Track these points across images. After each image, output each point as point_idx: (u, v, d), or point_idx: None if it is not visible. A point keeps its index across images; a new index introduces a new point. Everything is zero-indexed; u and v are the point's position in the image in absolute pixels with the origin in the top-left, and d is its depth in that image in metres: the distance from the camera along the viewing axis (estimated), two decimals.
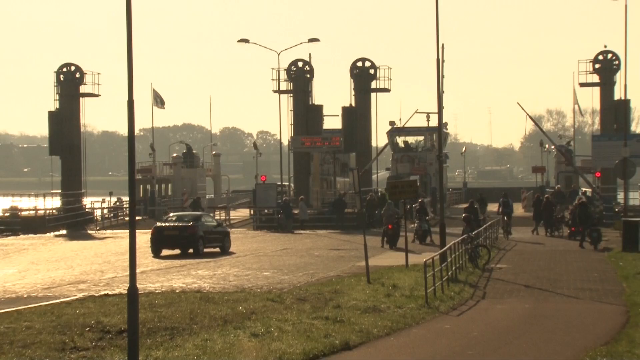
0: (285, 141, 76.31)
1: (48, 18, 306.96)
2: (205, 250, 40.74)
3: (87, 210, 69.68)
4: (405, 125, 79.97)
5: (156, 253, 39.99)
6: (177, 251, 40.51)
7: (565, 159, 74.12)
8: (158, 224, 42.68)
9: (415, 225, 45.78)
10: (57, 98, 71.07)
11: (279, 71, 71.73)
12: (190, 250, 40.27)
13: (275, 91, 72.66)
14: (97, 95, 73.12)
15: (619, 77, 69.22)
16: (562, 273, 30.66)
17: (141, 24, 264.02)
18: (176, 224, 41.11)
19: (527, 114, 76.05)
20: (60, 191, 70.98)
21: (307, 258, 37.86)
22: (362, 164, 68.11)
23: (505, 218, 49.31)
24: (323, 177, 71.12)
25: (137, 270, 15.08)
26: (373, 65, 73.39)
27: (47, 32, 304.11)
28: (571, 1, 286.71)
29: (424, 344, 18.54)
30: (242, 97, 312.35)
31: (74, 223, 62.93)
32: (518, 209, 68.80)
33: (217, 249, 41.55)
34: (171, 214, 45.69)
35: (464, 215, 45.50)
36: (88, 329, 19.08)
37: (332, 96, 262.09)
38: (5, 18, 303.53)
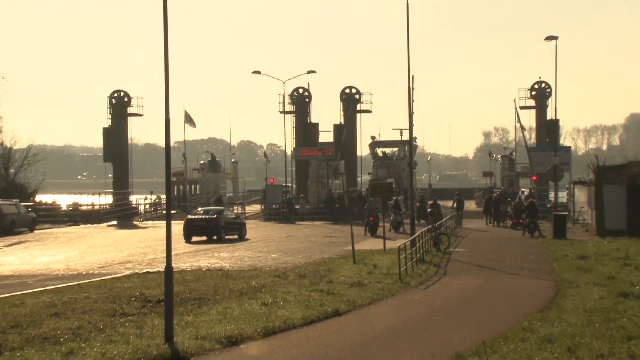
0: (289, 151, 76.41)
1: (103, 53, 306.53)
2: (226, 237, 40.66)
3: (132, 205, 69.58)
4: (381, 139, 80.00)
5: (188, 239, 39.89)
6: (204, 238, 40.42)
7: (530, 161, 73.24)
8: (189, 216, 42.55)
9: (391, 217, 45.79)
10: (110, 117, 71.19)
11: (284, 96, 72.01)
12: (214, 237, 40.16)
13: (281, 112, 72.87)
14: (141, 115, 73.27)
15: (550, 102, 69.75)
16: (506, 255, 30.66)
17: (176, 58, 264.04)
18: (203, 216, 41.04)
19: (516, 110, 74.66)
20: (111, 190, 71.08)
21: (306, 243, 37.85)
22: (350, 170, 68.08)
23: (458, 212, 49.44)
24: (318, 179, 71.11)
25: (172, 253, 15.04)
26: (358, 92, 73.58)
27: (101, 64, 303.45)
28: (514, 41, 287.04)
29: (398, 311, 18.54)
30: (255, 116, 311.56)
31: (123, 215, 62.86)
32: (471, 205, 68.92)
33: (236, 236, 41.48)
34: (199, 209, 45.54)
35: (429, 210, 45.61)
36: (133, 298, 19.07)
37: (326, 116, 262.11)
38: (69, 55, 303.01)
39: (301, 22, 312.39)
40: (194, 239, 40.11)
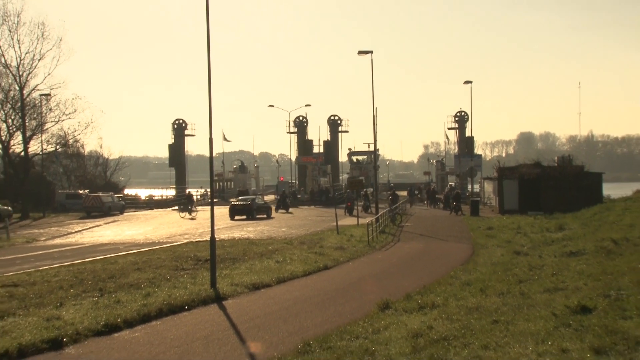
0: (293, 159, 76.33)
1: (171, 92, 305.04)
2: (258, 216, 40.40)
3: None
4: (355, 150, 79.99)
5: (232, 217, 39.44)
6: (243, 217, 40.17)
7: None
8: (232, 202, 42.32)
9: (362, 202, 45.77)
10: (173, 137, 70.97)
11: (289, 121, 71.90)
12: (250, 217, 39.92)
13: (287, 132, 72.73)
14: (193, 135, 73.06)
15: (468, 124, 69.80)
16: (439, 228, 30.72)
17: (218, 94, 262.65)
18: (242, 202, 40.93)
19: (445, 130, 74.74)
20: (174, 186, 70.79)
21: (305, 221, 37.81)
22: (333, 171, 67.97)
23: (410, 197, 49.46)
24: (313, 178, 71.04)
25: (215, 228, 15.05)
26: (339, 118, 73.49)
27: (169, 99, 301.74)
28: (444, 83, 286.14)
29: (367, 265, 18.57)
30: (270, 135, 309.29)
31: (182, 203, 62.64)
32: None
33: (265, 216, 41.15)
34: (240, 197, 45.34)
35: (389, 197, 45.59)
36: (189, 258, 19.04)
37: (318, 135, 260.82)
38: (148, 94, 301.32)
39: (301, 70, 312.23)
40: (237, 217, 39.78)
